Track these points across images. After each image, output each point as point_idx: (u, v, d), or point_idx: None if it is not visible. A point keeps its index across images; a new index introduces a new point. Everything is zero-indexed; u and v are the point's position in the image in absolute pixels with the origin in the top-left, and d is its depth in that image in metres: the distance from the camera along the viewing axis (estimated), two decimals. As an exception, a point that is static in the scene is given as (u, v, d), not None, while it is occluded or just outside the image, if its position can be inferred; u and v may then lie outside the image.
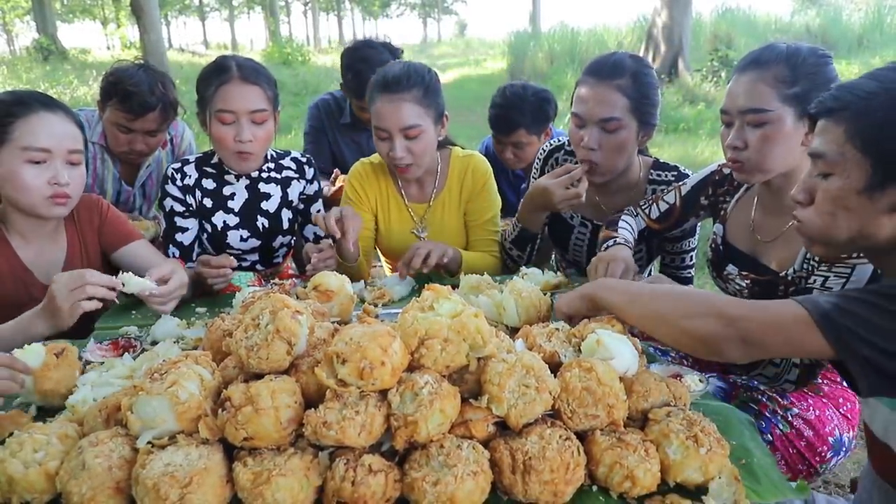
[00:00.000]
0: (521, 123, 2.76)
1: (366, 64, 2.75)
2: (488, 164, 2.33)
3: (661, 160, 2.16)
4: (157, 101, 2.40)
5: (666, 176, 2.10)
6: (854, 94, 1.09)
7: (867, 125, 1.07)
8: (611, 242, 1.85)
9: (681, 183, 1.97)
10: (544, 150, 2.33)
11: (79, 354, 1.51)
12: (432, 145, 2.12)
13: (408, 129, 2.02)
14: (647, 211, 2.01)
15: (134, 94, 2.35)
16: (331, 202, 2.67)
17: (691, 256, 2.19)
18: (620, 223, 1.97)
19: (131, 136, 2.44)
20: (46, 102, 1.71)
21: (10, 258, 1.79)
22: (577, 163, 2.24)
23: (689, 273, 2.19)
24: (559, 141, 2.33)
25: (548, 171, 2.28)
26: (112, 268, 1.96)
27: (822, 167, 1.14)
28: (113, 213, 1.99)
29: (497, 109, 2.82)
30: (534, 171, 2.37)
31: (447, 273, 2.06)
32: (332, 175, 2.93)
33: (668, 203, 1.97)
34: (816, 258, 1.53)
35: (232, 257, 1.92)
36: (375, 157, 2.33)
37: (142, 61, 2.58)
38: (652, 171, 2.13)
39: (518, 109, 2.75)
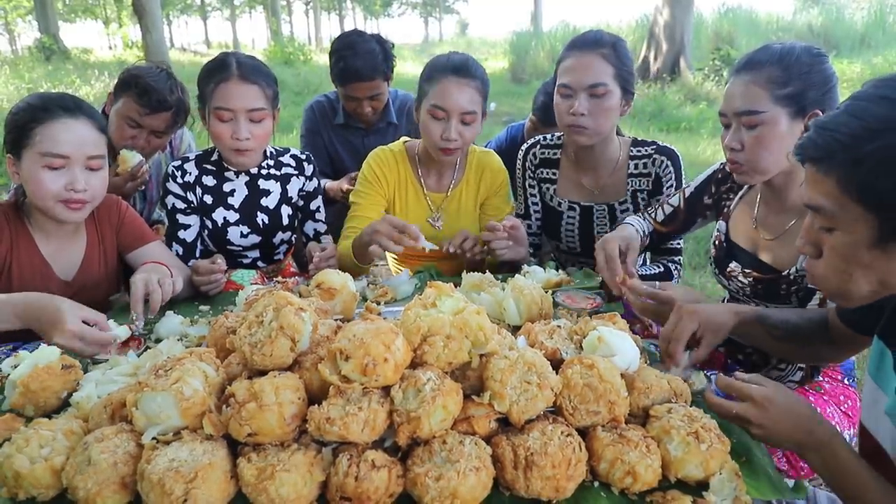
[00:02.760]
0: None
1: (351, 50, 2.77)
2: (503, 165, 2.39)
3: (640, 138, 2.24)
4: (173, 103, 2.43)
5: (646, 150, 2.19)
6: (836, 138, 0.95)
7: (860, 175, 0.93)
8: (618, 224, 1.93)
9: (685, 186, 2.01)
10: (522, 150, 2.40)
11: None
12: (475, 137, 2.19)
13: (467, 114, 2.08)
14: (653, 215, 2.04)
15: (154, 89, 2.38)
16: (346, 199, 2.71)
17: (680, 239, 2.19)
18: (625, 222, 2.00)
19: (137, 132, 2.45)
20: (70, 108, 1.72)
21: (32, 252, 1.83)
22: (555, 155, 2.31)
23: (678, 257, 2.19)
24: (534, 139, 2.39)
25: (528, 167, 2.37)
26: (126, 265, 1.99)
27: (823, 221, 1.01)
28: (131, 214, 2.02)
29: (548, 98, 2.84)
30: (517, 169, 2.42)
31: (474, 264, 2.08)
32: (349, 177, 2.92)
33: (672, 206, 2.00)
34: None
35: (220, 261, 1.93)
36: (396, 146, 2.37)
37: (164, 65, 2.60)
38: (632, 148, 2.21)
39: None
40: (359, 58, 2.74)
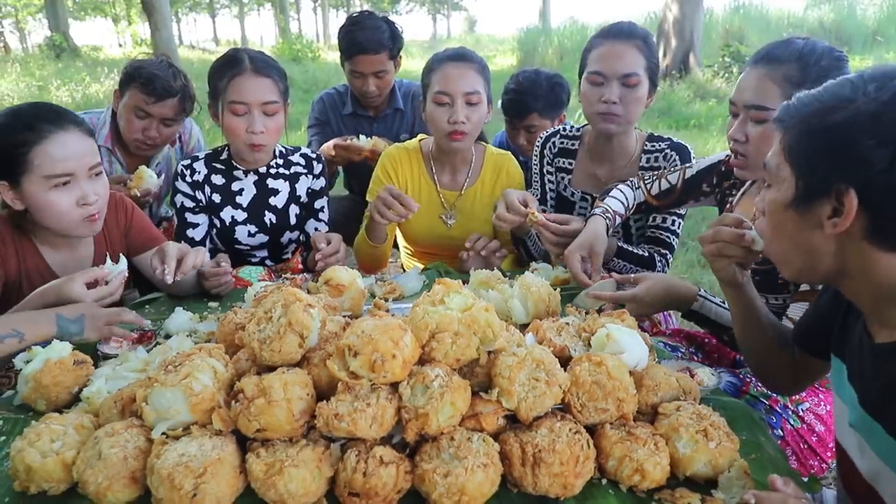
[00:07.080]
0: (534, 107, 2.77)
1: (357, 26, 2.85)
2: (520, 168, 2.40)
3: (655, 133, 2.26)
4: (178, 89, 2.46)
5: (659, 145, 2.20)
6: (796, 105, 1.03)
7: (794, 136, 1.02)
8: (589, 214, 1.97)
9: (686, 165, 2.02)
10: (541, 138, 2.38)
11: (94, 348, 1.53)
12: (482, 121, 2.21)
13: (470, 95, 2.12)
14: (648, 186, 2.05)
15: (158, 77, 2.40)
16: (368, 156, 2.74)
17: (679, 223, 2.18)
18: (613, 192, 2.03)
19: (147, 123, 2.48)
20: (54, 120, 1.62)
21: (40, 265, 1.79)
22: (573, 146, 2.31)
23: (674, 240, 2.17)
24: (555, 128, 2.38)
25: (546, 157, 2.36)
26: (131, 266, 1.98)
27: (768, 178, 1.10)
28: (139, 215, 2.01)
29: (510, 94, 2.86)
30: (533, 157, 2.40)
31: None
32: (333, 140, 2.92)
33: (670, 183, 2.02)
34: None
35: (225, 262, 1.92)
36: (410, 144, 2.40)
37: (164, 56, 2.63)
38: (647, 143, 2.22)
39: (531, 94, 2.78)
40: (365, 31, 2.82)
